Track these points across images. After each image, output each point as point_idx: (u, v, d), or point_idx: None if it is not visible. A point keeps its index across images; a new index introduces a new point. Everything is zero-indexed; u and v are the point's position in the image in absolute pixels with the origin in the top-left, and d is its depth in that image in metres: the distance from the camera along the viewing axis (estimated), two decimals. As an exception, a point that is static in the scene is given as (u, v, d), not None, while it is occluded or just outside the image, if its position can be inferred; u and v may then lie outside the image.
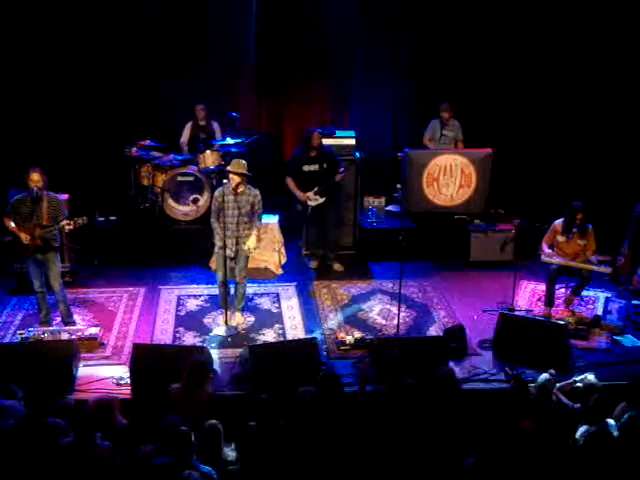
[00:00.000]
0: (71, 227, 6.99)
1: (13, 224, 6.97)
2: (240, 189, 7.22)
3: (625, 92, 9.78)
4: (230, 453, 5.18)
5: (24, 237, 6.92)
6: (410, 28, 10.13)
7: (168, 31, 9.76)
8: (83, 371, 6.65)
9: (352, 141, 9.23)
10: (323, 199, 8.54)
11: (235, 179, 7.16)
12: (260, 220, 7.47)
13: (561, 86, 10.00)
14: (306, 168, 8.51)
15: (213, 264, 8.45)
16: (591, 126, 9.93)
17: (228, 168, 7.41)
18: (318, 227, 8.79)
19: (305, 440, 5.17)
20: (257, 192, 7.34)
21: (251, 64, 10.08)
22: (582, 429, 5.26)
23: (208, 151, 9.10)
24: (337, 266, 8.99)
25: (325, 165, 8.50)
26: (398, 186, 9.86)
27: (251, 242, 7.32)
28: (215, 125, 9.60)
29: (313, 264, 8.97)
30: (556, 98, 10.03)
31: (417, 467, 4.92)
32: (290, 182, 8.60)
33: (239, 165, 7.24)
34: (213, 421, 5.01)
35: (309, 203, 8.53)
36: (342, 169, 8.54)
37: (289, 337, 7.37)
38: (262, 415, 5.30)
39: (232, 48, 9.98)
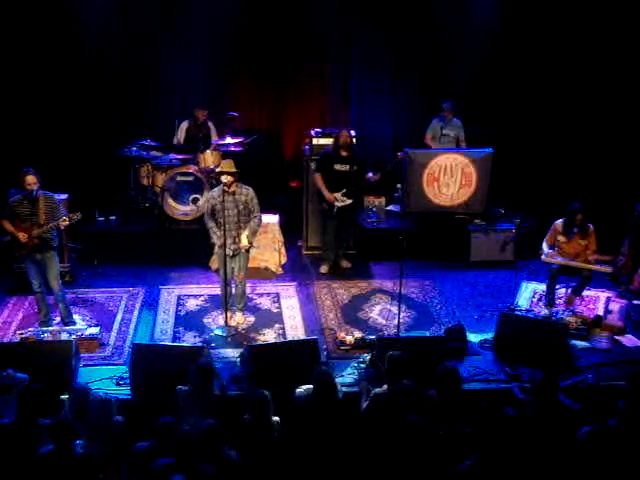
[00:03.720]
0: (66, 223, 6.99)
1: (10, 225, 6.96)
2: (232, 188, 7.23)
3: (625, 92, 9.78)
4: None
5: (22, 236, 6.92)
6: (411, 27, 10.12)
7: (167, 30, 9.76)
8: (83, 371, 6.64)
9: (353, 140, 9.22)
10: (350, 201, 8.50)
11: (229, 179, 7.17)
12: (259, 218, 7.45)
13: (561, 86, 10.00)
14: (337, 167, 8.45)
15: (213, 264, 8.46)
16: (591, 126, 9.94)
17: (218, 170, 7.47)
18: (337, 229, 8.71)
19: (302, 440, 5.17)
20: (250, 190, 7.34)
21: (250, 63, 10.07)
22: (584, 430, 5.26)
23: (208, 151, 9.12)
24: (345, 263, 8.98)
25: (355, 167, 8.47)
26: (398, 186, 9.86)
27: (243, 239, 7.31)
28: (210, 124, 9.60)
29: (324, 268, 8.86)
30: (556, 98, 10.04)
31: (414, 467, 4.91)
32: (319, 179, 8.54)
33: (229, 165, 7.29)
34: (210, 422, 5.00)
35: (336, 204, 8.47)
36: (372, 173, 8.48)
37: (289, 337, 7.37)
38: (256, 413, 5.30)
39: (231, 47, 9.98)
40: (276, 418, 5.37)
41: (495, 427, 4.95)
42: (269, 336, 7.42)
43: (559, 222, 7.68)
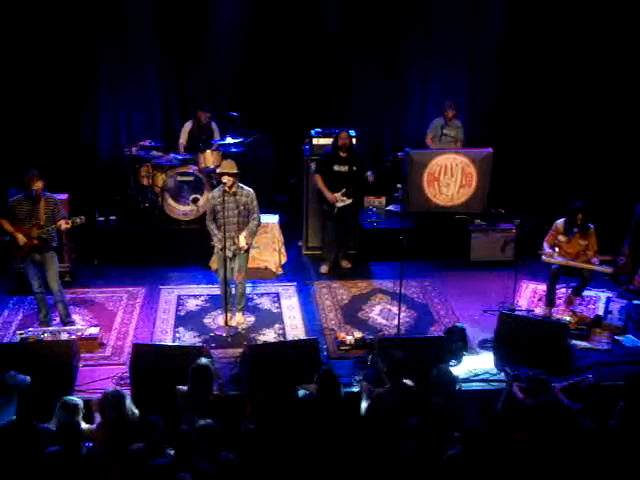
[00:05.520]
0: (68, 226, 6.98)
1: (10, 225, 6.95)
2: (233, 189, 7.23)
3: (625, 92, 9.77)
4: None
5: (21, 238, 6.90)
6: (410, 27, 10.12)
7: (168, 30, 9.76)
8: (83, 371, 6.64)
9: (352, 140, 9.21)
10: (350, 200, 8.53)
11: (229, 179, 7.17)
12: (258, 220, 7.45)
13: (562, 86, 10.00)
14: (336, 168, 8.48)
15: (213, 264, 8.46)
16: (592, 126, 9.94)
17: (219, 170, 7.47)
18: (337, 230, 8.72)
19: (302, 440, 5.17)
20: (250, 191, 7.34)
21: (251, 63, 10.08)
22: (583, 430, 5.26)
23: (208, 151, 9.10)
24: (345, 263, 8.99)
25: (355, 167, 8.49)
26: (398, 186, 9.86)
27: (241, 240, 7.32)
28: (214, 125, 9.60)
29: (324, 268, 8.87)
30: (557, 98, 10.04)
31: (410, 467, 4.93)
32: (320, 180, 8.56)
33: (230, 165, 7.28)
34: (209, 421, 5.01)
35: (337, 204, 8.50)
36: (370, 172, 8.52)
37: (289, 337, 7.36)
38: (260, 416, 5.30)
39: (232, 47, 9.98)
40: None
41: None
42: (269, 336, 7.42)
43: (560, 222, 7.67)
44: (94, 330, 7.18)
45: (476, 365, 6.85)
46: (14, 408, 5.37)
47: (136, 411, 5.39)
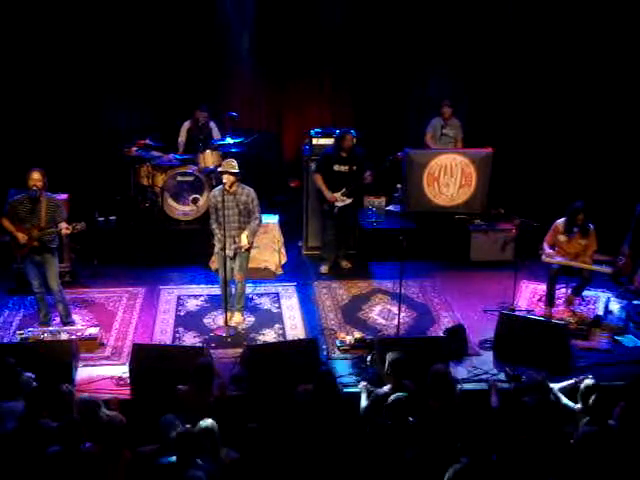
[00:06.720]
0: (69, 231, 6.97)
1: (10, 224, 6.94)
2: (233, 188, 7.23)
3: (625, 92, 9.77)
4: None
5: (21, 237, 6.90)
6: (410, 28, 10.13)
7: (169, 30, 9.76)
8: (83, 371, 6.64)
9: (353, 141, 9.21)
10: (350, 200, 8.55)
11: (230, 178, 7.17)
12: (260, 219, 7.45)
13: (561, 86, 10.00)
14: (336, 168, 8.49)
15: (213, 264, 8.46)
16: (591, 126, 9.93)
17: (220, 169, 7.47)
18: (337, 229, 8.73)
19: (301, 439, 5.18)
20: (251, 190, 7.35)
21: (251, 63, 10.08)
22: (582, 430, 5.26)
23: (208, 151, 9.11)
24: (345, 263, 8.99)
25: (355, 167, 8.50)
26: (398, 186, 9.86)
27: (243, 239, 7.32)
28: (212, 125, 9.61)
29: (324, 268, 8.87)
30: (556, 98, 10.03)
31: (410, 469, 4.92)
32: (319, 180, 8.57)
33: (231, 165, 7.29)
34: (209, 421, 5.01)
35: (336, 204, 8.52)
36: (368, 172, 8.52)
37: (289, 337, 7.36)
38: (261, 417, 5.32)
39: (232, 47, 9.99)
40: None
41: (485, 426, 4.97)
42: (269, 336, 7.42)
43: (560, 221, 7.67)
44: (94, 330, 7.18)
45: (476, 365, 6.85)
46: (17, 412, 5.36)
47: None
